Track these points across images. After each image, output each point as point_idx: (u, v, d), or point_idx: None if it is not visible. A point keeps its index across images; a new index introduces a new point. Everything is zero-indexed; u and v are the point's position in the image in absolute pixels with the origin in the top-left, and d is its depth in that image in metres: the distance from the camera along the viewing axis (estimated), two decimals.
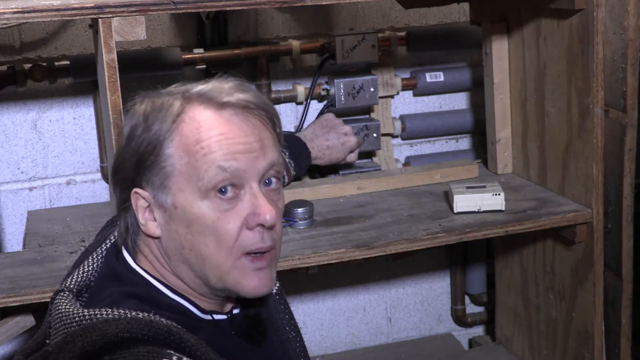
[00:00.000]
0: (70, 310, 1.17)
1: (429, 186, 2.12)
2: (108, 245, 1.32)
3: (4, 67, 2.09)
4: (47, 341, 1.23)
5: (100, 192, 2.24)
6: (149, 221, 1.21)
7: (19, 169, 2.19)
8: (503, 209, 1.90)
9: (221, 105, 1.20)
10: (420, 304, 2.60)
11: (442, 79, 2.40)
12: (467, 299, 2.61)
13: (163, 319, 1.12)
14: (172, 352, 1.09)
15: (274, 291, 1.40)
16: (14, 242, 2.21)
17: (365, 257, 1.78)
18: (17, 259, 1.76)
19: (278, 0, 1.63)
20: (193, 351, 1.11)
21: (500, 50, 2.13)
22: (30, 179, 2.20)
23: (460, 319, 2.61)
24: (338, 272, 2.47)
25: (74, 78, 2.13)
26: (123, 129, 1.20)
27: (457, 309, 2.60)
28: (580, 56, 1.86)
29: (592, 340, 1.97)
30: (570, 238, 1.94)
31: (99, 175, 2.24)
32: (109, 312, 1.13)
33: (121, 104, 1.56)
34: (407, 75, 2.41)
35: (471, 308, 2.63)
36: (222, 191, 1.17)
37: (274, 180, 1.23)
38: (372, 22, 2.37)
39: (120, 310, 1.13)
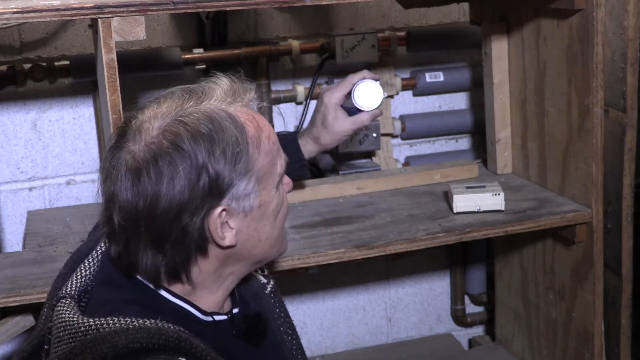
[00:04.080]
0: (75, 319, 1.15)
1: (428, 186, 2.11)
2: (103, 249, 1.30)
3: (4, 67, 2.09)
4: (46, 347, 1.22)
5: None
6: (227, 232, 1.19)
7: (18, 169, 2.18)
8: (503, 209, 1.90)
9: (247, 103, 1.23)
10: (420, 304, 2.60)
11: (442, 79, 2.40)
12: (467, 299, 2.61)
13: (171, 325, 1.12)
14: (183, 358, 1.09)
15: (267, 290, 1.39)
16: (14, 242, 2.21)
17: (365, 257, 1.78)
18: (17, 259, 1.76)
19: (278, 0, 1.63)
20: (204, 356, 1.11)
21: (500, 50, 2.13)
22: (30, 179, 2.20)
23: (460, 319, 2.61)
24: (338, 272, 2.47)
25: (73, 78, 2.13)
26: (159, 166, 1.12)
27: (457, 309, 2.60)
28: (580, 56, 1.86)
29: (592, 340, 1.97)
30: (570, 238, 1.94)
31: (98, 176, 2.23)
32: (114, 321, 1.12)
33: (121, 104, 1.56)
34: (407, 75, 2.41)
35: (471, 308, 2.63)
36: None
37: None
38: (372, 22, 2.37)
39: (126, 319, 1.12)
